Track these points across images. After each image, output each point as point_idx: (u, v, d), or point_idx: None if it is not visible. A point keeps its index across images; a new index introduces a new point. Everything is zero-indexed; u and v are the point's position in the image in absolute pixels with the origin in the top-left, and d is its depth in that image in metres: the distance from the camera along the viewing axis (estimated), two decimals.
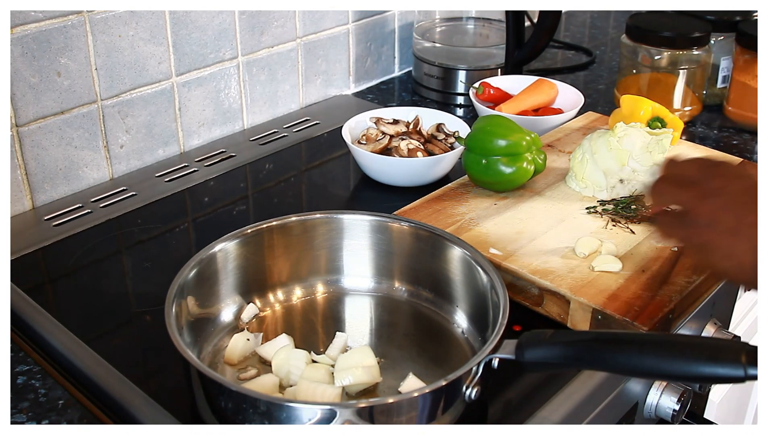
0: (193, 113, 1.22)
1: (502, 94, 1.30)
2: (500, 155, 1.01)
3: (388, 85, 1.52)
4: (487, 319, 0.79)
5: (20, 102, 1.02)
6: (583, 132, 1.19)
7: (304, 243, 0.88)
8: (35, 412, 0.75)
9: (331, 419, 0.64)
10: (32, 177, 1.06)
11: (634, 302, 0.83)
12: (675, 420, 0.89)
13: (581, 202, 1.02)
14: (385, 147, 1.13)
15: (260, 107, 1.32)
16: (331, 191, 1.16)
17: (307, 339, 0.83)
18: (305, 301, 0.89)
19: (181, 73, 1.18)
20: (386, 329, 0.86)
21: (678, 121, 1.16)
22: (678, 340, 0.66)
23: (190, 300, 0.79)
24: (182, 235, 1.04)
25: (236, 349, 0.80)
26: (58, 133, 1.07)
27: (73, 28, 1.04)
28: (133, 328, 0.87)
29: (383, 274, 0.89)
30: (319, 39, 1.37)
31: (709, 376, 0.61)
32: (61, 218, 1.05)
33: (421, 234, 0.87)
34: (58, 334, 0.84)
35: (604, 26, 1.87)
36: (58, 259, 0.98)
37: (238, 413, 0.67)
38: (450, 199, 1.02)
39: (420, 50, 1.46)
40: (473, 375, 0.69)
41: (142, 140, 1.17)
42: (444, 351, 0.82)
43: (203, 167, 1.19)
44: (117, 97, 1.12)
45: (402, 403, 0.66)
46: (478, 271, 0.81)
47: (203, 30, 1.19)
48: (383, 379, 0.76)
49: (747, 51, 1.29)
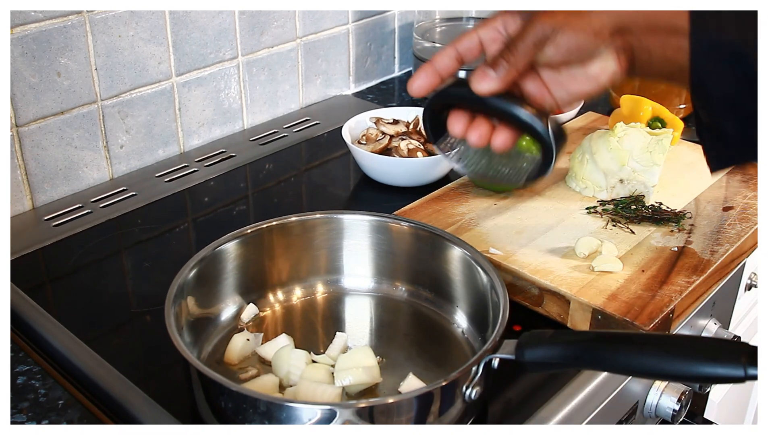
0: (193, 113, 1.22)
1: None
2: None
3: (388, 85, 1.52)
4: (487, 319, 0.79)
5: (20, 102, 1.02)
6: (583, 132, 1.19)
7: (304, 243, 0.88)
8: (35, 412, 0.75)
9: (331, 419, 0.64)
10: (32, 177, 1.06)
11: (634, 302, 0.83)
12: (675, 420, 0.89)
13: (581, 202, 1.02)
14: (385, 147, 1.13)
15: (260, 107, 1.32)
16: (331, 191, 1.16)
17: (307, 339, 0.83)
18: (305, 301, 0.89)
19: (181, 73, 1.18)
20: (386, 329, 0.86)
21: (678, 121, 1.16)
22: (678, 340, 0.66)
23: (190, 300, 0.79)
24: (182, 235, 1.04)
25: (236, 349, 0.80)
26: (58, 133, 1.07)
27: (73, 28, 1.04)
28: (133, 328, 0.87)
29: (383, 274, 0.89)
30: (319, 39, 1.37)
31: (709, 376, 0.61)
32: (61, 218, 1.05)
33: (421, 234, 0.87)
34: (58, 334, 0.84)
35: None
36: (58, 259, 0.98)
37: (238, 413, 0.67)
38: (450, 199, 1.02)
39: (420, 50, 1.46)
40: (473, 375, 0.69)
41: (142, 140, 1.17)
42: (444, 351, 0.82)
43: (203, 167, 1.19)
44: (117, 97, 1.12)
45: (402, 403, 0.66)
46: (478, 271, 0.81)
47: (203, 30, 1.19)
48: (383, 379, 0.76)
49: None
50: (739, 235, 0.95)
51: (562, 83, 0.72)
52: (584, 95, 0.73)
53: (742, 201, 1.02)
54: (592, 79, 0.71)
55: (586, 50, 0.69)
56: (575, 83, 0.72)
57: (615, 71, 0.71)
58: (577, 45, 0.69)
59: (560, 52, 0.69)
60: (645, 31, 0.68)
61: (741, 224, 0.97)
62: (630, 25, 0.68)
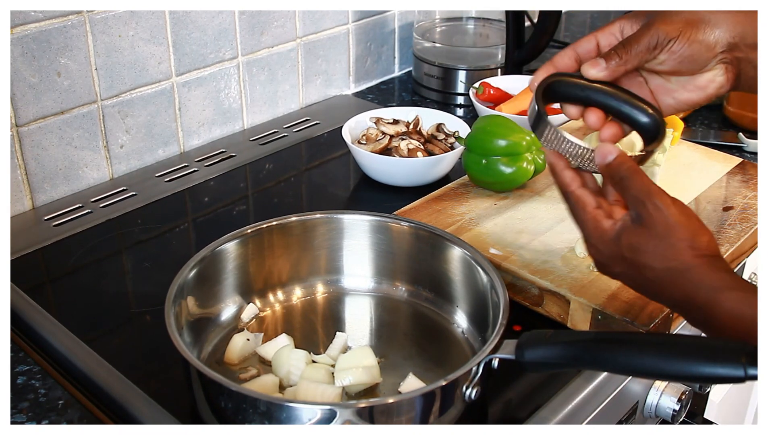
0: (193, 113, 1.22)
1: (502, 94, 1.30)
2: (500, 155, 1.01)
3: (388, 85, 1.52)
4: (487, 319, 0.79)
5: (20, 102, 1.02)
6: (583, 132, 1.19)
7: (304, 243, 0.88)
8: (35, 412, 0.75)
9: (331, 419, 0.64)
10: (32, 177, 1.06)
11: (634, 302, 0.83)
12: (675, 420, 0.89)
13: None
14: (385, 147, 1.13)
15: (260, 107, 1.32)
16: (331, 191, 1.16)
17: (307, 339, 0.83)
18: (305, 301, 0.89)
19: (181, 73, 1.18)
20: (386, 329, 0.86)
21: (678, 121, 1.16)
22: (678, 340, 0.66)
23: (190, 300, 0.79)
24: (182, 235, 1.04)
25: (236, 349, 0.80)
26: (58, 133, 1.07)
27: (73, 28, 1.04)
28: (133, 328, 0.87)
29: (383, 274, 0.89)
30: (319, 39, 1.37)
31: (709, 376, 0.61)
32: (61, 218, 1.05)
33: (421, 234, 0.87)
34: (58, 334, 0.84)
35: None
36: (58, 259, 0.98)
37: (238, 413, 0.67)
38: (450, 199, 1.02)
39: (420, 50, 1.46)
40: (473, 375, 0.69)
41: (142, 140, 1.17)
42: (444, 351, 0.82)
43: (203, 167, 1.19)
44: (117, 97, 1.12)
45: (402, 403, 0.66)
46: (478, 271, 0.81)
47: (203, 30, 1.19)
48: (383, 379, 0.76)
49: None
50: (739, 235, 0.95)
51: (670, 91, 0.76)
52: (690, 104, 0.76)
53: (742, 201, 1.02)
54: (700, 89, 0.75)
55: (698, 61, 0.73)
56: (683, 92, 0.75)
57: (722, 84, 0.74)
58: (691, 55, 0.72)
59: (674, 59, 0.72)
60: (752, 47, 0.72)
61: (741, 224, 0.97)
62: (739, 41, 0.72)
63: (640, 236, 0.67)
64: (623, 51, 0.73)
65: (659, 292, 0.69)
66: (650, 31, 0.72)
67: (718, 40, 0.72)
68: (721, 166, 1.11)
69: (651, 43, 0.72)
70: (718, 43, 0.72)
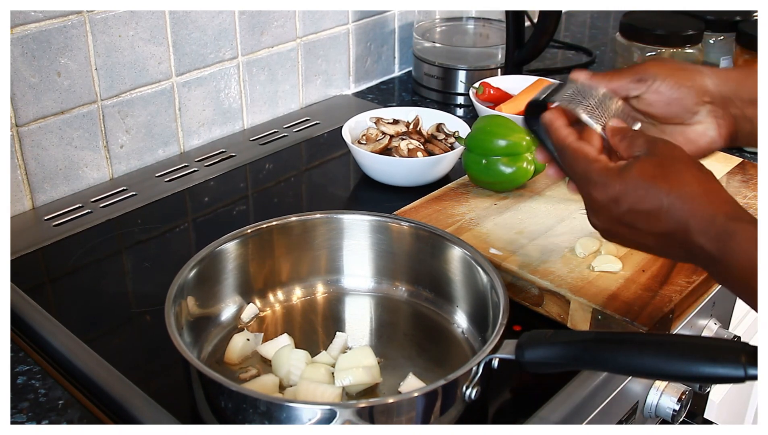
0: (193, 113, 1.22)
1: (502, 94, 1.30)
2: (500, 155, 1.01)
3: (388, 85, 1.52)
4: (487, 319, 0.79)
5: (20, 102, 1.02)
6: None
7: (304, 243, 0.88)
8: (35, 412, 0.75)
9: (331, 419, 0.64)
10: (32, 177, 1.06)
11: (634, 302, 0.83)
12: (675, 420, 0.89)
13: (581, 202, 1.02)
14: (385, 147, 1.13)
15: (260, 107, 1.32)
16: (331, 191, 1.16)
17: (307, 339, 0.83)
18: (305, 301, 0.89)
19: (181, 73, 1.18)
20: (386, 329, 0.86)
21: None
22: (678, 340, 0.66)
23: (190, 300, 0.79)
24: (182, 235, 1.04)
25: (236, 349, 0.80)
26: (58, 133, 1.07)
27: (73, 28, 1.04)
28: (133, 328, 0.87)
29: (383, 274, 0.89)
30: (319, 39, 1.37)
31: (709, 376, 0.61)
32: (61, 218, 1.05)
33: (421, 234, 0.87)
34: (58, 334, 0.84)
35: (604, 26, 1.87)
36: (58, 259, 0.98)
37: (238, 413, 0.67)
38: (450, 199, 1.02)
39: (420, 50, 1.46)
40: (473, 375, 0.69)
41: (142, 140, 1.17)
42: (444, 351, 0.82)
43: (203, 167, 1.19)
44: (117, 97, 1.12)
45: (402, 403, 0.66)
46: (478, 271, 0.81)
47: (203, 30, 1.19)
48: (383, 379, 0.76)
49: (747, 51, 1.29)
50: None
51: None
52: None
53: (742, 201, 1.02)
54: (690, 142, 0.74)
55: (686, 106, 0.72)
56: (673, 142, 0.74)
57: (714, 139, 0.73)
58: (679, 99, 0.72)
59: (662, 101, 0.72)
60: (749, 103, 0.71)
61: None
62: (733, 96, 0.71)
63: (651, 163, 0.65)
64: (611, 74, 0.74)
65: (667, 218, 0.65)
66: (641, 66, 0.74)
67: (707, 89, 0.72)
68: (721, 166, 1.11)
69: (638, 73, 0.73)
70: (707, 92, 0.72)
